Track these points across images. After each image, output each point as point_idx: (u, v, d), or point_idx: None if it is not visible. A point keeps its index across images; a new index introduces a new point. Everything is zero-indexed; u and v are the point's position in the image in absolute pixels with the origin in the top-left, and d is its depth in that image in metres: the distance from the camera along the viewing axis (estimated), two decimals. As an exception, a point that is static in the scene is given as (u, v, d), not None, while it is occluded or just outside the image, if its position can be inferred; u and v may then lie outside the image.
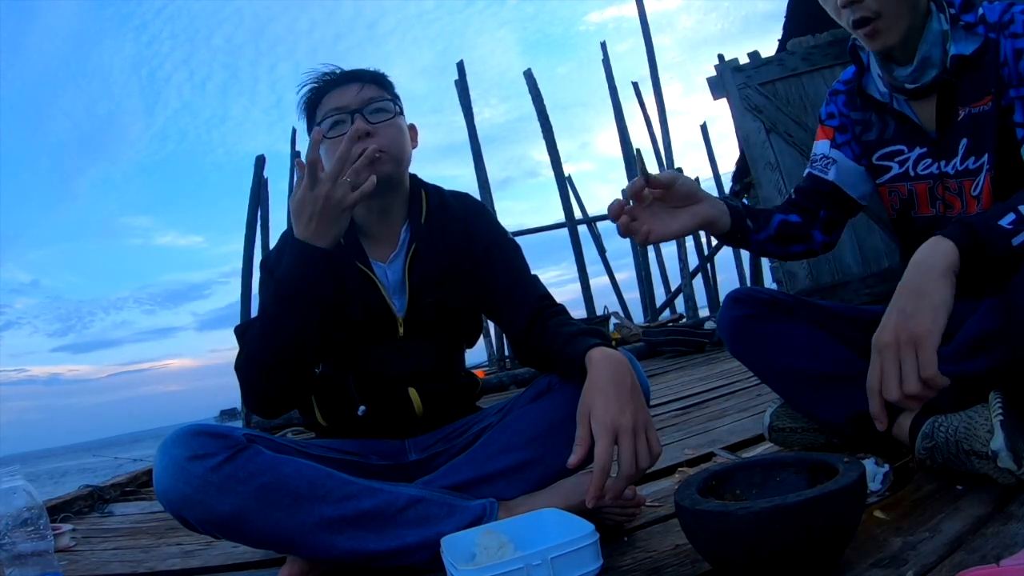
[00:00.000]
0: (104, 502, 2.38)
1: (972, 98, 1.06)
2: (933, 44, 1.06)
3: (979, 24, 1.05)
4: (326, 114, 1.17)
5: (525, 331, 1.15)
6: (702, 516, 0.76)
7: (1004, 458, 0.86)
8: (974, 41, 1.04)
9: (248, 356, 1.07)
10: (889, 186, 1.20)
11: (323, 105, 1.19)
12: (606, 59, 9.11)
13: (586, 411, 0.91)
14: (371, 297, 1.17)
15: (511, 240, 1.28)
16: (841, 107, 1.26)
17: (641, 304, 9.82)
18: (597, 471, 0.86)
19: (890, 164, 1.18)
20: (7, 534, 0.97)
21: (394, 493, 1.00)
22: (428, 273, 1.19)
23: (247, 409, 1.65)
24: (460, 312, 1.23)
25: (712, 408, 2.23)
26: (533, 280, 1.23)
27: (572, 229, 8.39)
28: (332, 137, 1.15)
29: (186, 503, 0.93)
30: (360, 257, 1.19)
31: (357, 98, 1.17)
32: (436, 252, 1.20)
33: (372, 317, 1.17)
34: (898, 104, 1.14)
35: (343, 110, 1.16)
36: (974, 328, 0.97)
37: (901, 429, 1.06)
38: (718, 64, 5.26)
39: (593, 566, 0.78)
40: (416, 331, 1.19)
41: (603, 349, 0.98)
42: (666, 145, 8.51)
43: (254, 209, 8.62)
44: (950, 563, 0.70)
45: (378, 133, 1.15)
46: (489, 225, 1.26)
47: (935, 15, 1.06)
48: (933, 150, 1.12)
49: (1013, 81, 1.02)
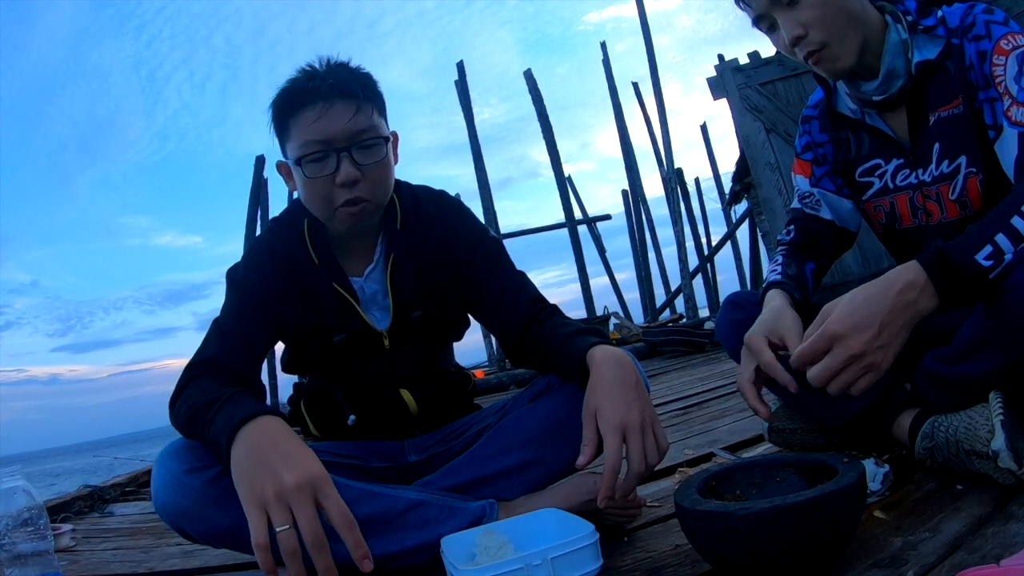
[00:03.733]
0: (104, 502, 2.38)
1: (941, 102, 1.06)
2: (895, 55, 1.06)
3: (939, 26, 1.05)
4: (306, 145, 1.02)
5: (520, 336, 1.14)
6: (702, 516, 0.76)
7: (1005, 458, 0.86)
8: (937, 44, 1.05)
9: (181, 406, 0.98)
10: (873, 202, 1.20)
11: (302, 124, 1.02)
12: (606, 59, 9.11)
13: (592, 411, 0.90)
14: (352, 319, 1.13)
15: (493, 239, 1.22)
16: (816, 135, 1.25)
17: (641, 304, 9.82)
18: (607, 471, 0.86)
19: (871, 179, 1.19)
20: (7, 534, 0.97)
21: (393, 497, 1.00)
22: (410, 284, 1.15)
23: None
24: (447, 320, 1.21)
25: (712, 408, 2.24)
26: (522, 281, 1.19)
27: (572, 229, 8.39)
28: (314, 178, 1.03)
29: (185, 516, 0.93)
30: (337, 275, 1.13)
31: (346, 128, 1.01)
32: (415, 260, 1.16)
33: (356, 337, 1.13)
34: (870, 119, 1.15)
35: (328, 144, 1.01)
36: (972, 329, 0.97)
37: (901, 429, 1.06)
38: (718, 64, 5.26)
39: (593, 566, 0.78)
40: (403, 341, 1.17)
41: (604, 347, 0.97)
42: (666, 145, 8.51)
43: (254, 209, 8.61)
44: (950, 563, 0.70)
45: (366, 178, 1.05)
46: (468, 225, 1.20)
47: (892, 26, 1.07)
48: (909, 160, 1.12)
49: (980, 84, 1.02)
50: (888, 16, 1.07)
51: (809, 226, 1.27)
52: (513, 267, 1.22)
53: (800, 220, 1.28)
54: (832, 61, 1.05)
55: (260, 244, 1.17)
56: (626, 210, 10.82)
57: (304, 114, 1.02)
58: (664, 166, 8.61)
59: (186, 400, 0.97)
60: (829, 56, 1.05)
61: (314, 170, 1.03)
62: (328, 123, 1.01)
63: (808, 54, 1.05)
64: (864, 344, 0.85)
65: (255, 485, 0.79)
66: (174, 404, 1.00)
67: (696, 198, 11.70)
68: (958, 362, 0.98)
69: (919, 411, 1.05)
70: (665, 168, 8.57)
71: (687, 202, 10.30)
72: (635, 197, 10.22)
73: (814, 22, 1.02)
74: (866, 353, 0.85)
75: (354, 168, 1.03)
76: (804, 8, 1.02)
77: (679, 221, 8.06)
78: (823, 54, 1.04)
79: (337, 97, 1.02)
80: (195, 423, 0.93)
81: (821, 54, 1.04)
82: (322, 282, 1.13)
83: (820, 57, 1.05)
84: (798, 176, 1.29)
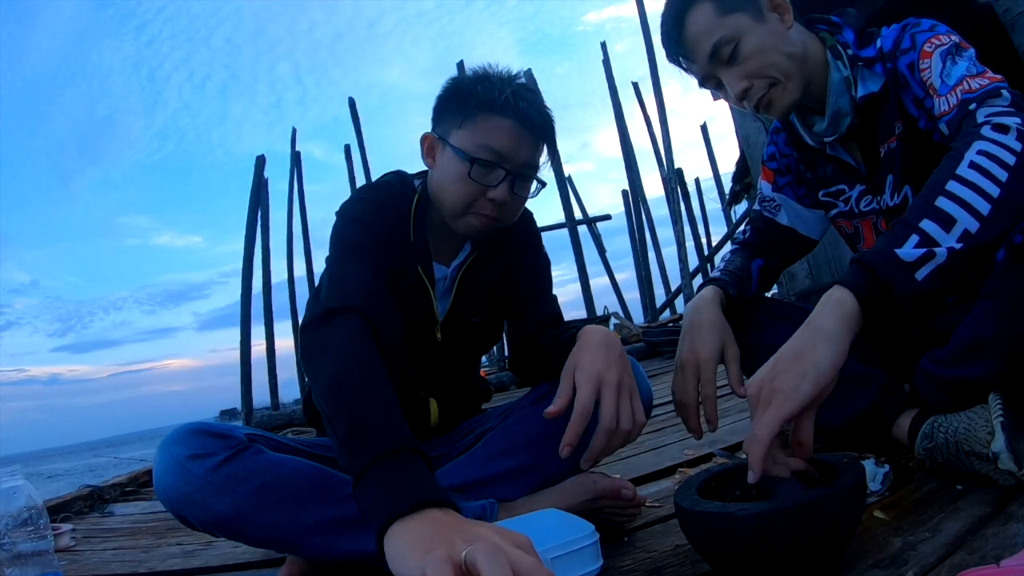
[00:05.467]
0: (104, 502, 2.37)
1: (886, 135, 1.08)
2: (839, 95, 1.07)
3: (878, 61, 1.06)
4: (484, 149, 1.04)
5: (527, 341, 1.16)
6: (702, 517, 0.76)
7: (1005, 459, 0.86)
8: (879, 77, 1.06)
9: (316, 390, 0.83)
10: (836, 222, 1.23)
11: (493, 128, 1.04)
12: (606, 59, 9.12)
13: (572, 367, 0.90)
14: (420, 301, 1.13)
15: (546, 255, 1.27)
16: (783, 147, 1.27)
17: (641, 304, 9.83)
18: (575, 415, 0.84)
19: (835, 202, 1.21)
20: (7, 534, 0.97)
21: (394, 494, 1.00)
22: (478, 287, 1.18)
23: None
24: (495, 328, 1.24)
25: (712, 408, 2.23)
26: (551, 298, 1.23)
27: (572, 229, 8.40)
28: (474, 180, 1.04)
29: (186, 502, 0.93)
30: (424, 260, 1.13)
31: (522, 155, 1.05)
32: (491, 266, 1.19)
33: (414, 319, 1.13)
34: (831, 149, 1.16)
35: (502, 159, 1.04)
36: (969, 331, 0.97)
37: (900, 430, 1.06)
38: (718, 64, 5.26)
39: (593, 566, 0.78)
40: (450, 338, 1.18)
41: (595, 326, 0.98)
42: (666, 145, 8.51)
43: (254, 209, 8.62)
44: (950, 563, 0.70)
45: (510, 204, 1.08)
46: (533, 237, 1.25)
47: (833, 64, 1.08)
48: (870, 187, 1.14)
49: (919, 94, 1.02)
50: (829, 52, 1.08)
51: (765, 228, 1.29)
52: (551, 284, 1.25)
53: (757, 222, 1.31)
54: (775, 102, 1.07)
55: (377, 194, 1.12)
56: (626, 210, 10.83)
57: (499, 121, 1.04)
58: (664, 166, 8.61)
59: (336, 368, 0.82)
60: (773, 98, 1.07)
61: (479, 174, 1.05)
62: (516, 145, 1.05)
63: (758, 103, 1.07)
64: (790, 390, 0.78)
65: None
66: (314, 340, 0.88)
67: (696, 198, 11.71)
68: (955, 364, 0.98)
69: (919, 411, 1.05)
70: (665, 168, 8.58)
71: (687, 202, 10.31)
72: (635, 197, 10.22)
73: (755, 71, 1.05)
74: (788, 393, 0.77)
75: (509, 192, 1.06)
76: (743, 61, 1.04)
77: (679, 221, 8.07)
78: (767, 97, 1.07)
79: (530, 129, 1.05)
80: (351, 441, 0.75)
81: (766, 97, 1.07)
82: (409, 260, 1.12)
83: (759, 102, 1.07)
84: (762, 182, 1.31)
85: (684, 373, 1.01)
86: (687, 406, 1.00)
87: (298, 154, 10.31)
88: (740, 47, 1.04)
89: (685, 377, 1.00)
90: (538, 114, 1.07)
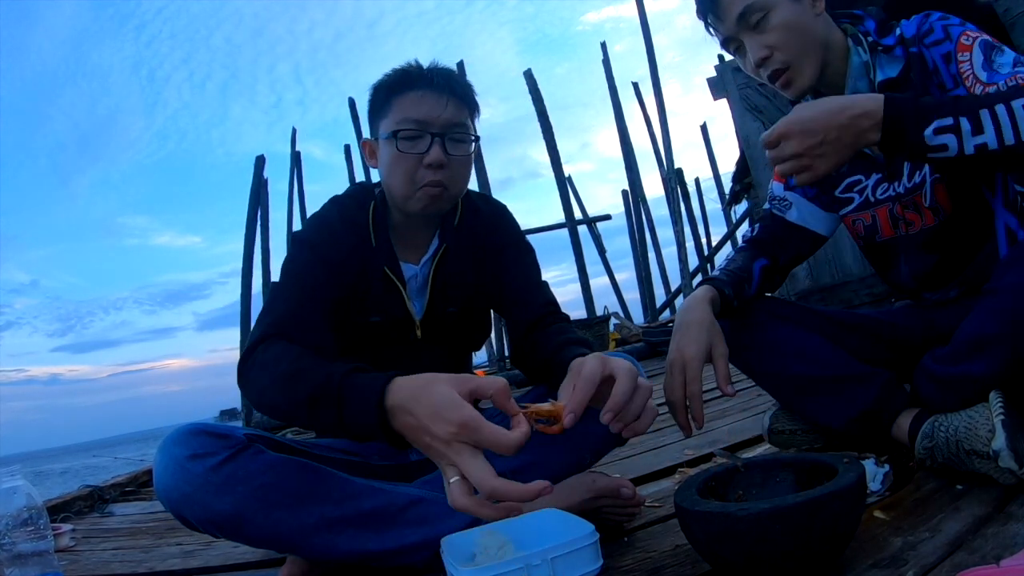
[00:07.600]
0: (104, 502, 2.37)
1: None
2: (858, 78, 1.09)
3: (897, 46, 1.07)
4: (405, 121, 1.09)
5: (525, 333, 1.16)
6: (702, 517, 0.76)
7: (1005, 458, 0.86)
8: (898, 63, 1.07)
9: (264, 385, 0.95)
10: (853, 216, 1.22)
11: (402, 103, 1.10)
12: (606, 59, 9.12)
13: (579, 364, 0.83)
14: (393, 302, 1.16)
15: (527, 243, 1.28)
16: None
17: (641, 304, 9.82)
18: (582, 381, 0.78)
19: (852, 195, 1.21)
20: (7, 534, 0.97)
21: (394, 493, 1.00)
22: (452, 280, 1.19)
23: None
24: (478, 321, 1.25)
25: (712, 408, 2.23)
26: (542, 285, 1.23)
27: (572, 229, 8.40)
28: (405, 152, 1.09)
29: (186, 502, 0.93)
30: (390, 261, 1.16)
31: (444, 117, 1.09)
32: (463, 258, 1.20)
33: (391, 321, 1.16)
34: None
35: (425, 126, 1.08)
36: (970, 329, 0.97)
37: (901, 429, 1.06)
38: (718, 64, 5.26)
39: (593, 566, 0.78)
40: (432, 335, 1.19)
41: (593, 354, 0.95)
42: (666, 145, 8.52)
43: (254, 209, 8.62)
44: (950, 563, 0.70)
45: (449, 167, 1.10)
46: (510, 227, 1.27)
47: (853, 49, 1.10)
48: (886, 174, 1.15)
49: (948, 85, 1.03)
50: (850, 39, 1.11)
51: (773, 226, 1.29)
52: (538, 272, 1.26)
53: (766, 220, 1.31)
54: (793, 80, 1.09)
55: (330, 210, 1.18)
56: (626, 210, 10.83)
57: (410, 94, 1.10)
58: (664, 166, 8.62)
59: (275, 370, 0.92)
60: (792, 76, 1.08)
61: (407, 146, 1.09)
62: (431, 108, 1.08)
63: (772, 74, 1.09)
64: (804, 148, 0.91)
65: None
66: (246, 369, 0.97)
67: (696, 198, 11.72)
68: (957, 362, 0.98)
69: (919, 411, 1.05)
70: (665, 168, 8.58)
71: (687, 202, 10.31)
72: (635, 197, 10.22)
73: (778, 44, 1.07)
74: (803, 155, 0.92)
75: (443, 153, 1.08)
76: (769, 31, 1.06)
77: (679, 221, 8.08)
78: (788, 74, 1.08)
79: (444, 90, 1.10)
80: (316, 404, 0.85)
81: (785, 75, 1.08)
82: (374, 264, 1.15)
83: (783, 78, 1.09)
84: (773, 183, 1.32)
85: (671, 372, 1.02)
86: (674, 403, 1.01)
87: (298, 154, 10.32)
88: (769, 17, 1.06)
89: (672, 376, 1.02)
90: (454, 80, 1.11)
